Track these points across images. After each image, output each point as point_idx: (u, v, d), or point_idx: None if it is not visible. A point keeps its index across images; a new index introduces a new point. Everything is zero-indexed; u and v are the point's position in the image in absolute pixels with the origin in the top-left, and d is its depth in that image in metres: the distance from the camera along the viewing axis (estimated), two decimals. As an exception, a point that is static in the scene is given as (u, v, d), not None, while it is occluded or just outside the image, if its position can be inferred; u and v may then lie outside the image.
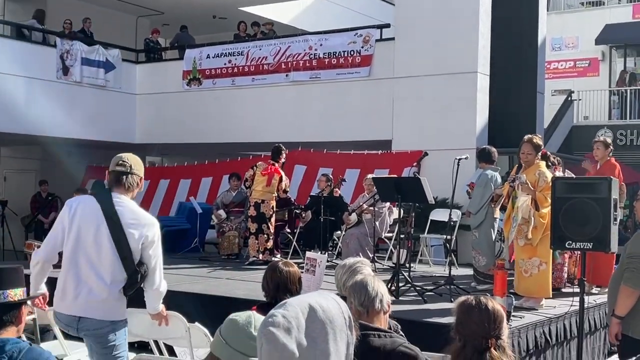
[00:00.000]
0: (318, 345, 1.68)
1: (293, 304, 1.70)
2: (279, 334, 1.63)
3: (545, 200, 6.71)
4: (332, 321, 1.71)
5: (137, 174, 4.23)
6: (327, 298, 1.77)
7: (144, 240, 4.05)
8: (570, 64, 24.26)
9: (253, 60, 14.82)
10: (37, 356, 2.70)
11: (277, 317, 1.65)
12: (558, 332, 6.55)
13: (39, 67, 14.36)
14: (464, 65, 12.30)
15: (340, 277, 3.99)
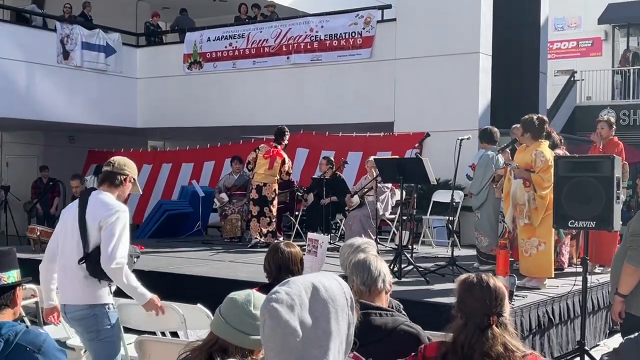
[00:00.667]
0: (320, 324, 1.67)
1: (296, 282, 1.69)
2: (282, 310, 1.62)
3: (543, 182, 6.67)
4: (334, 300, 1.71)
5: (120, 171, 4.46)
6: (329, 278, 1.76)
7: (101, 221, 4.26)
8: (573, 43, 24.12)
9: (254, 42, 14.75)
10: (34, 338, 2.67)
11: (280, 293, 1.65)
12: (561, 311, 6.55)
13: (40, 51, 14.31)
14: (466, 45, 12.24)
15: (347, 256, 3.99)
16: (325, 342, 1.67)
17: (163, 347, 3.83)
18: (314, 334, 1.65)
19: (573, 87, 20.99)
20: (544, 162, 6.71)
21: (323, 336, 1.67)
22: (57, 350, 2.69)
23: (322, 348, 1.66)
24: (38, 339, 2.67)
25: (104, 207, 4.31)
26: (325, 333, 1.67)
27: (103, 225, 4.27)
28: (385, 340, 3.23)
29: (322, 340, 1.67)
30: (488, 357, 2.78)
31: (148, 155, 16.72)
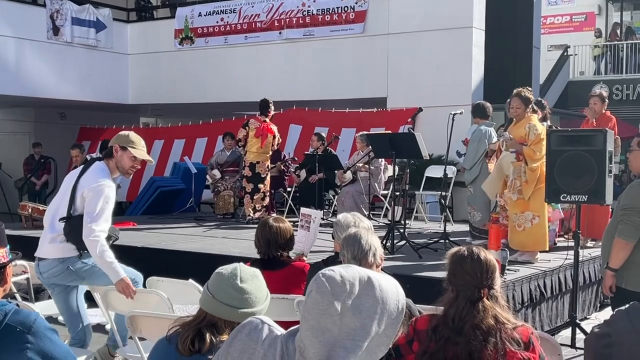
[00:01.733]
0: (362, 319, 1.63)
1: (355, 269, 1.65)
2: (330, 288, 1.59)
3: (534, 154, 6.65)
4: (385, 303, 1.65)
5: (110, 143, 4.72)
6: (390, 281, 1.71)
7: (84, 192, 4.47)
8: (567, 18, 24.04)
9: (246, 17, 14.64)
10: (24, 318, 2.58)
11: (334, 272, 1.61)
12: (553, 285, 6.57)
13: (29, 27, 14.17)
14: (459, 20, 12.17)
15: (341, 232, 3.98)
16: (359, 338, 1.62)
17: (154, 321, 3.83)
18: (352, 326, 1.62)
19: (566, 62, 20.95)
20: (537, 135, 6.71)
21: (360, 332, 1.63)
22: (48, 329, 2.62)
23: (354, 342, 1.62)
24: (28, 319, 2.59)
25: (93, 179, 4.48)
26: (363, 329, 1.63)
27: (86, 196, 4.42)
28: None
29: (358, 335, 1.63)
30: (479, 329, 2.79)
31: (140, 132, 16.43)
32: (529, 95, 6.99)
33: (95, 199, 4.38)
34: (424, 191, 10.91)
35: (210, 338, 2.29)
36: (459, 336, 2.82)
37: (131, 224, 10.14)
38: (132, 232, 9.29)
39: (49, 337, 2.60)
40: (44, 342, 2.58)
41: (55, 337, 2.65)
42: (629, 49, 21.00)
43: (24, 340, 2.55)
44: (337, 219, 4.13)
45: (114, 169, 4.63)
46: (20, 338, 2.55)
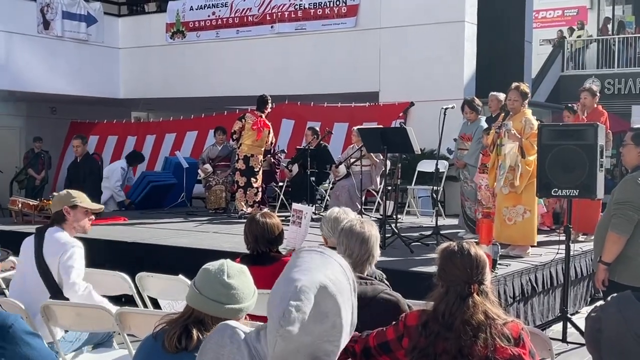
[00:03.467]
0: (330, 319, 1.68)
1: (306, 289, 1.67)
2: (294, 329, 1.62)
3: (532, 148, 6.66)
4: (342, 293, 1.71)
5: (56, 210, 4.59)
6: (334, 266, 1.74)
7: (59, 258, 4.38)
8: (559, 12, 24.05)
9: (237, 11, 14.58)
10: (0, 323, 2.53)
11: (292, 313, 1.62)
12: (544, 280, 6.57)
13: (19, 21, 14.10)
14: (451, 14, 12.15)
15: (328, 229, 3.97)
16: (336, 336, 1.69)
17: (143, 318, 3.80)
18: (325, 331, 1.67)
19: (558, 56, 20.94)
20: (532, 128, 6.72)
21: (333, 331, 1.69)
22: (27, 333, 2.53)
23: (334, 342, 1.69)
24: (5, 323, 2.51)
25: (60, 245, 4.41)
26: (335, 327, 1.69)
27: (60, 261, 4.37)
28: (365, 308, 3.18)
29: (334, 335, 1.69)
30: (469, 325, 2.77)
31: (131, 127, 16.60)
32: (526, 90, 7.03)
33: (70, 260, 4.36)
34: (416, 185, 10.90)
35: (197, 335, 2.27)
36: (449, 332, 2.80)
37: (122, 219, 10.10)
38: (123, 227, 9.26)
39: (28, 342, 2.52)
40: (20, 347, 2.50)
41: (36, 341, 2.57)
42: (621, 43, 21.00)
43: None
44: (326, 213, 4.12)
45: (71, 230, 4.57)
46: None
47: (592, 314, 2.36)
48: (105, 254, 7.56)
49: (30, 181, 14.88)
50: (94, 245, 7.98)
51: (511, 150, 6.83)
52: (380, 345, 2.99)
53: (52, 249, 4.41)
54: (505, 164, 6.87)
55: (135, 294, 4.84)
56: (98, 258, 7.01)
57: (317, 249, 1.80)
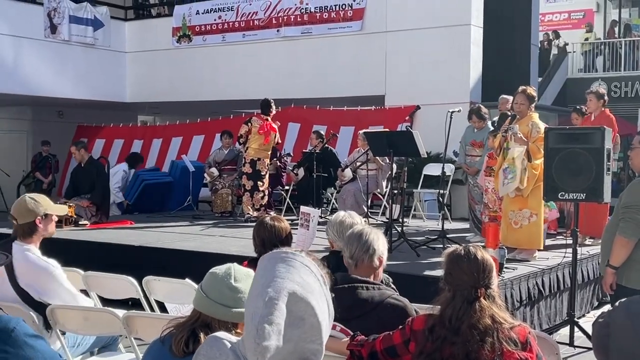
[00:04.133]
0: (306, 321, 1.70)
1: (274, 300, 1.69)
2: (271, 343, 1.65)
3: (538, 152, 6.64)
4: (313, 292, 1.73)
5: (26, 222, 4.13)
6: (297, 268, 1.76)
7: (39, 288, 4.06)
8: (565, 15, 24.02)
9: (243, 15, 14.61)
10: (2, 326, 2.49)
11: (265, 329, 1.64)
12: (551, 283, 6.56)
13: (27, 25, 14.16)
14: (458, 17, 12.14)
15: (334, 233, 3.97)
16: (317, 335, 1.72)
17: (150, 322, 3.80)
18: (304, 334, 1.69)
19: (564, 59, 20.92)
20: (539, 132, 6.71)
21: (313, 330, 1.71)
22: (29, 336, 2.52)
23: (316, 341, 1.72)
24: (7, 327, 2.50)
25: (36, 273, 4.04)
26: (313, 327, 1.71)
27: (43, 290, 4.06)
28: (372, 313, 3.21)
29: (314, 334, 1.71)
30: (476, 329, 2.77)
31: (138, 131, 16.63)
32: (533, 94, 7.01)
33: (54, 284, 4.06)
34: (422, 189, 10.89)
35: (204, 339, 2.27)
36: (456, 336, 2.80)
37: (129, 222, 10.12)
38: (129, 231, 9.27)
39: (31, 345, 2.52)
40: (24, 350, 2.50)
41: (39, 343, 2.57)
42: (627, 46, 20.97)
43: (1, 350, 2.47)
44: (332, 217, 4.12)
45: (38, 242, 4.19)
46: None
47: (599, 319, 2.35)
48: (112, 258, 7.59)
49: (37, 185, 14.92)
50: (101, 248, 8.04)
51: (520, 154, 6.81)
52: (386, 349, 2.99)
53: (27, 276, 4.02)
54: (516, 168, 6.82)
55: (142, 297, 4.85)
56: (105, 261, 7.05)
57: (278, 255, 1.81)
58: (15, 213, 4.15)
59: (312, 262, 1.80)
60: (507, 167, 6.92)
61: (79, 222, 9.63)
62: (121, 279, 4.88)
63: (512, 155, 6.88)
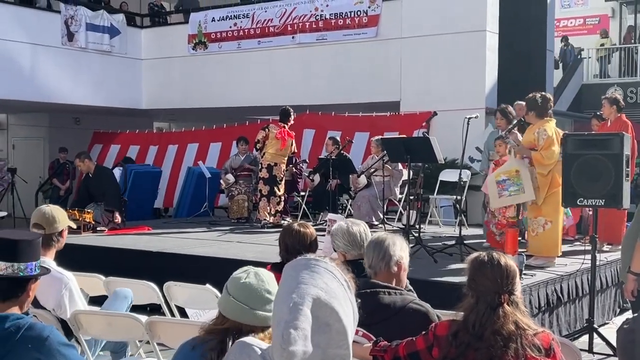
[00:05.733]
0: (332, 326, 1.71)
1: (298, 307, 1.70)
2: (297, 348, 1.66)
3: (543, 160, 6.61)
4: (336, 297, 1.74)
5: (55, 231, 4.15)
6: (321, 274, 1.77)
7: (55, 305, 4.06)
8: (580, 21, 23.95)
9: (259, 22, 14.67)
10: (37, 334, 2.56)
11: (291, 334, 1.66)
12: (570, 290, 6.53)
13: (44, 33, 14.29)
14: (473, 23, 12.15)
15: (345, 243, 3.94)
16: (344, 340, 1.72)
17: (173, 327, 3.84)
18: (332, 339, 1.71)
19: (580, 65, 20.85)
20: (546, 139, 6.64)
21: (339, 336, 1.72)
22: (62, 345, 2.59)
23: (343, 346, 1.73)
24: (41, 335, 2.56)
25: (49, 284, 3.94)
26: (340, 332, 1.72)
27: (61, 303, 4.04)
28: (394, 318, 3.22)
29: (341, 339, 1.72)
30: (499, 335, 2.78)
31: (154, 137, 16.72)
32: (539, 100, 6.94)
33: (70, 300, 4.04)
34: (438, 195, 10.88)
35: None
36: (480, 342, 2.81)
37: (146, 228, 10.18)
38: (147, 237, 9.33)
39: (63, 353, 2.55)
40: (56, 358, 2.54)
41: (71, 351, 2.61)
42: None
43: (35, 357, 2.52)
44: (333, 229, 4.11)
45: (54, 252, 4.18)
46: (32, 355, 2.53)
47: (624, 326, 2.35)
48: (131, 263, 7.64)
49: (54, 191, 15.04)
50: (120, 254, 8.10)
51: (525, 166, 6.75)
52: (410, 355, 3.01)
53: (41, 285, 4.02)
54: (521, 181, 6.73)
55: (163, 303, 4.88)
56: (124, 267, 7.09)
57: (302, 262, 1.82)
58: (44, 223, 4.13)
59: (336, 267, 1.81)
60: (507, 179, 6.82)
61: (97, 228, 9.69)
62: (142, 285, 4.92)
63: (515, 168, 6.78)
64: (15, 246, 2.70)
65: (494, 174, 7.13)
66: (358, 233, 3.88)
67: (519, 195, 6.74)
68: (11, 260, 2.67)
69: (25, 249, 2.71)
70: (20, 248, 2.70)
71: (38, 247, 2.80)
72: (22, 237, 2.77)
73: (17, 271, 2.66)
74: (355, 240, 3.85)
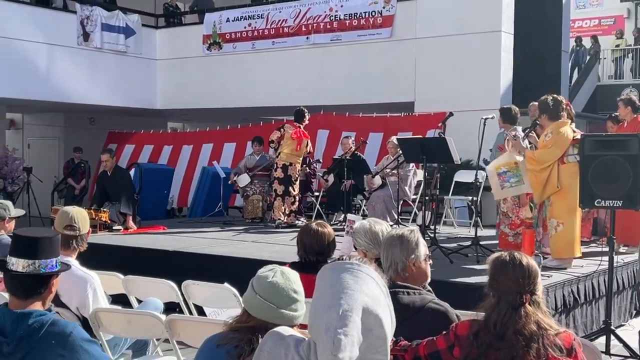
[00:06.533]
0: (374, 332, 1.75)
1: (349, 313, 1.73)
2: (346, 354, 1.70)
3: (532, 158, 6.66)
4: (379, 303, 1.78)
5: (85, 234, 4.25)
6: (366, 280, 1.80)
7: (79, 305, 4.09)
8: (595, 22, 23.83)
9: (273, 23, 14.70)
10: (60, 331, 2.60)
11: (342, 341, 1.69)
12: (587, 291, 6.51)
13: (60, 33, 14.38)
14: (488, 24, 12.12)
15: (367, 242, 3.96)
16: (382, 345, 1.77)
17: (192, 325, 3.86)
18: (371, 344, 1.75)
19: (595, 66, 20.74)
20: (547, 140, 6.66)
21: (379, 341, 1.77)
22: (85, 341, 2.63)
23: (381, 352, 1.77)
24: (64, 331, 2.60)
25: (73, 283, 4.01)
26: (379, 338, 1.77)
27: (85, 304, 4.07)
28: (414, 318, 3.22)
29: (380, 345, 1.77)
30: (521, 335, 2.78)
31: (168, 137, 16.79)
32: (550, 102, 6.94)
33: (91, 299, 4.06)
34: (453, 196, 10.87)
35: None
36: (501, 342, 2.81)
37: (161, 227, 10.23)
38: (163, 236, 9.37)
39: (86, 349, 2.58)
40: (79, 354, 2.57)
41: (94, 347, 2.64)
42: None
43: (58, 353, 2.56)
44: (356, 226, 4.12)
45: (76, 252, 4.22)
46: (56, 351, 2.57)
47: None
48: (148, 262, 7.67)
49: (69, 190, 15.12)
50: (137, 253, 8.14)
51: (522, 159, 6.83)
52: (430, 354, 3.01)
53: (66, 284, 3.88)
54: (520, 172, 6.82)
55: (182, 301, 4.91)
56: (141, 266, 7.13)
57: (343, 266, 1.83)
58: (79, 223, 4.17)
59: (376, 273, 1.83)
60: (507, 170, 6.86)
61: (112, 227, 9.75)
62: (161, 283, 4.95)
63: (514, 160, 6.85)
64: (36, 244, 2.75)
65: (494, 166, 7.20)
66: (380, 232, 3.89)
67: (520, 186, 6.83)
68: (32, 257, 2.71)
69: (45, 246, 2.76)
70: (40, 245, 2.75)
71: (58, 244, 2.84)
72: (42, 235, 2.82)
73: (39, 268, 2.70)
74: (377, 239, 3.86)
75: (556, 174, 6.61)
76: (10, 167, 15.25)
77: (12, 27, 13.52)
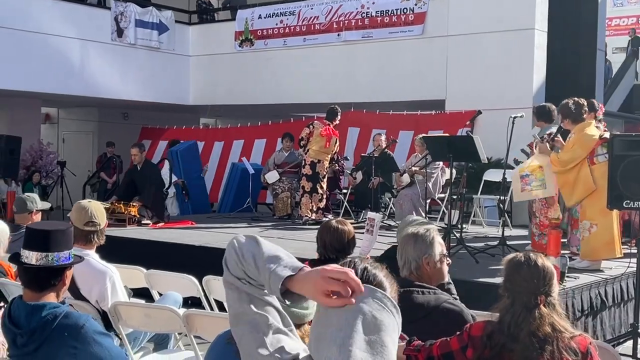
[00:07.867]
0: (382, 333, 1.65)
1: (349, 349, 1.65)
2: None
3: (557, 159, 6.57)
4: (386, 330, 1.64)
5: (103, 228, 4.24)
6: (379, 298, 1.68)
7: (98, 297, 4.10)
8: (633, 20, 23.40)
9: (304, 20, 14.71)
10: (73, 323, 2.61)
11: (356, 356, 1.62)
12: (614, 293, 6.40)
13: (94, 29, 14.54)
14: (521, 21, 11.97)
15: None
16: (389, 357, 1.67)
17: (210, 320, 3.88)
18: None
19: (631, 65, 20.38)
20: (571, 140, 6.60)
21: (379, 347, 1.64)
22: (97, 333, 2.64)
23: None
24: (77, 323, 2.61)
25: (94, 277, 4.04)
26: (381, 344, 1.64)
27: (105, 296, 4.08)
28: (428, 318, 3.19)
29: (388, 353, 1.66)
30: (535, 336, 2.74)
31: (200, 133, 16.90)
32: (572, 106, 6.85)
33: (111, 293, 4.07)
34: (482, 195, 10.76)
35: None
36: (515, 343, 2.77)
37: (189, 222, 10.30)
38: (189, 231, 9.44)
39: (99, 342, 2.60)
40: (92, 346, 2.59)
41: (107, 340, 2.65)
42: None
43: (71, 345, 2.58)
44: (404, 219, 4.11)
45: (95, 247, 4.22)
46: (68, 343, 2.58)
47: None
48: (173, 257, 7.74)
49: (102, 184, 15.32)
50: (162, 247, 8.21)
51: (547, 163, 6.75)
52: (444, 355, 2.98)
53: (87, 281, 4.01)
54: (544, 176, 6.75)
55: (203, 296, 4.93)
56: (165, 260, 7.19)
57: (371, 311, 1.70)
58: (98, 218, 4.17)
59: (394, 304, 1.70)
60: (529, 174, 6.81)
61: (141, 221, 9.84)
62: (183, 278, 4.98)
63: (538, 163, 6.78)
64: (48, 236, 2.76)
65: (518, 169, 7.17)
66: None
67: (540, 190, 6.76)
68: (45, 250, 2.73)
69: (58, 238, 2.77)
70: (53, 238, 2.76)
71: (71, 236, 2.86)
72: (54, 228, 2.83)
73: (52, 261, 2.72)
74: None
75: (588, 175, 6.52)
76: (44, 160, 15.51)
77: (48, 23, 13.71)
